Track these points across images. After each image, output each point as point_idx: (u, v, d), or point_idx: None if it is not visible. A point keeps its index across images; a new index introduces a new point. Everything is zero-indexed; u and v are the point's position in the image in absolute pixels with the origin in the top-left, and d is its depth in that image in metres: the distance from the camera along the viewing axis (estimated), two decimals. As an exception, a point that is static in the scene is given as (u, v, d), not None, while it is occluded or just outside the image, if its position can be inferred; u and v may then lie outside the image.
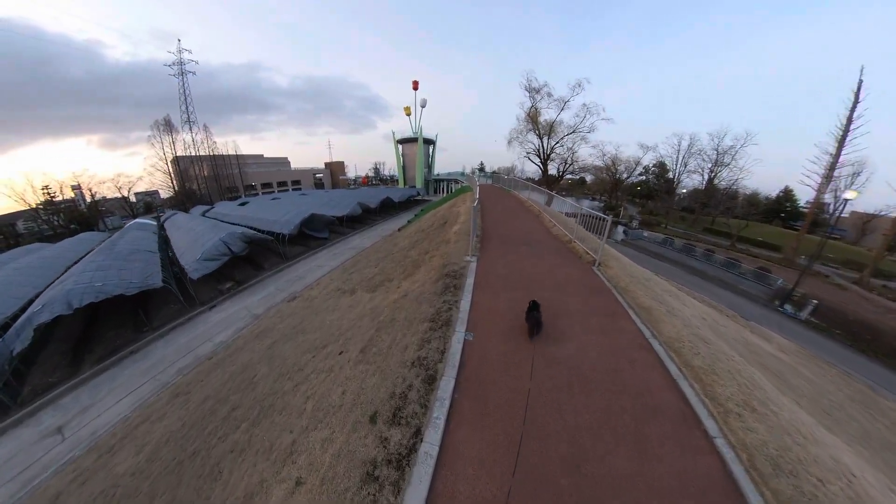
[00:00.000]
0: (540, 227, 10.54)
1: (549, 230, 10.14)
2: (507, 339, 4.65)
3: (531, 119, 30.70)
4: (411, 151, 55.28)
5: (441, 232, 11.43)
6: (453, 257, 7.65)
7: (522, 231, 9.85)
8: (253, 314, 14.75)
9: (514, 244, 8.53)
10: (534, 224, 10.83)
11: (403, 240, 13.82)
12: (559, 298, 5.76)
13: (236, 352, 10.59)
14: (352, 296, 10.17)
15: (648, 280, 8.24)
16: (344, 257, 18.76)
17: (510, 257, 7.45)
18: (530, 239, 9.04)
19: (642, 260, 23.16)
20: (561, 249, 8.30)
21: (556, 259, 7.63)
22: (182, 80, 58.56)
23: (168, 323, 15.29)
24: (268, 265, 18.82)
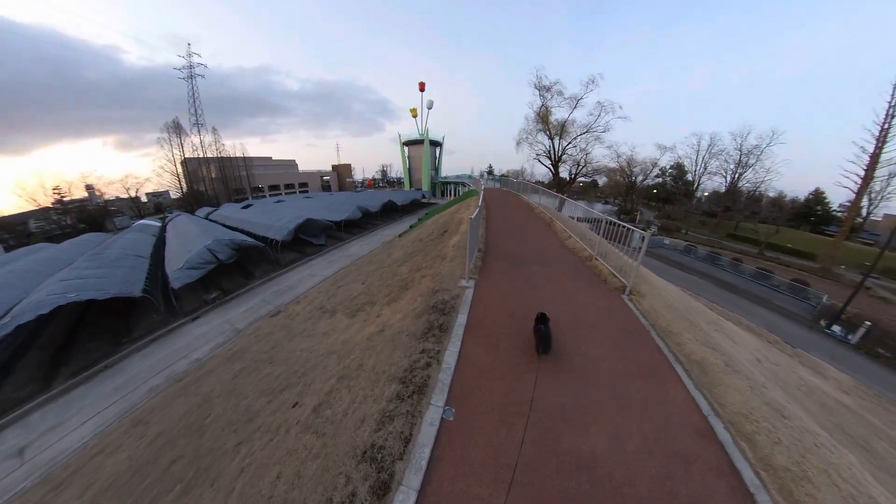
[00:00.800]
0: (552, 238, 9.00)
1: (563, 242, 8.59)
2: (504, 419, 3.16)
3: (541, 119, 29.06)
4: (417, 153, 54.19)
5: (438, 244, 10.01)
6: (446, 280, 6.21)
7: (532, 244, 8.33)
8: (234, 329, 13.65)
9: (522, 262, 7.02)
10: (545, 235, 9.30)
11: (398, 250, 12.44)
12: (581, 345, 4.24)
13: (205, 375, 9.56)
14: (331, 318, 8.87)
15: (689, 309, 6.62)
16: (338, 265, 17.51)
17: (516, 282, 5.94)
18: (542, 255, 7.52)
19: (664, 271, 21.24)
20: (580, 269, 6.75)
21: (575, 283, 6.10)
22: (191, 84, 59.24)
23: (148, 334, 14.39)
24: (259, 273, 17.73)
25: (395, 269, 9.70)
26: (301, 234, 20.01)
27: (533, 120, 30.04)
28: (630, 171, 49.32)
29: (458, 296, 5.43)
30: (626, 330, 4.74)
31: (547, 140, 30.51)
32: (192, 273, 14.52)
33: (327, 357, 6.52)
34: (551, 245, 8.34)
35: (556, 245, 8.37)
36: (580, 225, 9.28)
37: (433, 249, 9.52)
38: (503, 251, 7.64)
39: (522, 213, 12.59)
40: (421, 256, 9.30)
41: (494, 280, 6.03)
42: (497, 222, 10.51)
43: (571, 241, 8.57)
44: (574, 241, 8.47)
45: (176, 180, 57.20)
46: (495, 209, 13.11)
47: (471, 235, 5.36)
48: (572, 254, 7.71)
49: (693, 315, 6.47)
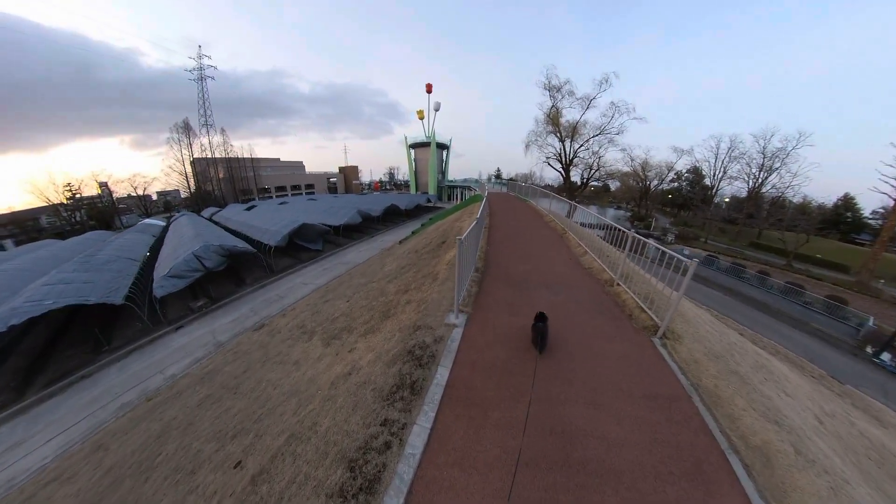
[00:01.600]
0: (565, 253, 7.73)
1: (577, 260, 7.31)
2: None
3: (551, 120, 27.69)
4: (424, 156, 53.31)
5: (433, 258, 8.85)
6: (432, 311, 5.04)
7: (540, 261, 7.08)
8: (216, 342, 12.80)
9: (527, 286, 5.79)
10: (556, 249, 8.03)
11: (392, 261, 11.33)
12: (598, 423, 3.00)
13: (174, 398, 8.77)
14: (308, 342, 7.83)
15: (732, 349, 5.28)
16: (332, 274, 16.54)
17: (518, 316, 4.72)
18: (551, 276, 6.28)
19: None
20: (598, 298, 5.48)
21: (592, 318, 4.84)
22: (201, 85, 59.92)
23: (129, 344, 13.72)
24: (251, 279, 16.89)
25: (383, 286, 8.57)
26: (297, 240, 19.16)
27: (542, 121, 28.72)
28: (644, 175, 47.35)
29: (441, 338, 4.24)
30: (659, 396, 3.47)
31: (557, 142, 29.14)
32: (176, 282, 13.72)
33: (288, 399, 5.46)
34: (563, 263, 7.07)
35: (570, 263, 7.10)
36: (597, 237, 8.01)
37: (426, 265, 8.37)
38: (505, 271, 6.42)
39: (531, 221, 11.33)
40: (412, 273, 8.15)
41: (491, 314, 4.81)
42: (501, 233, 9.29)
43: (588, 258, 7.29)
44: (591, 258, 7.19)
45: (184, 180, 57.74)
46: (500, 217, 11.90)
47: (459, 261, 4.15)
48: (589, 276, 6.43)
49: (738, 358, 5.13)
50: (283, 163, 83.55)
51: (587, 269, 6.76)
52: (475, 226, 5.61)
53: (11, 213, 48.01)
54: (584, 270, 6.68)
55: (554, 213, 12.51)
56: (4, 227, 46.55)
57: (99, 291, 13.70)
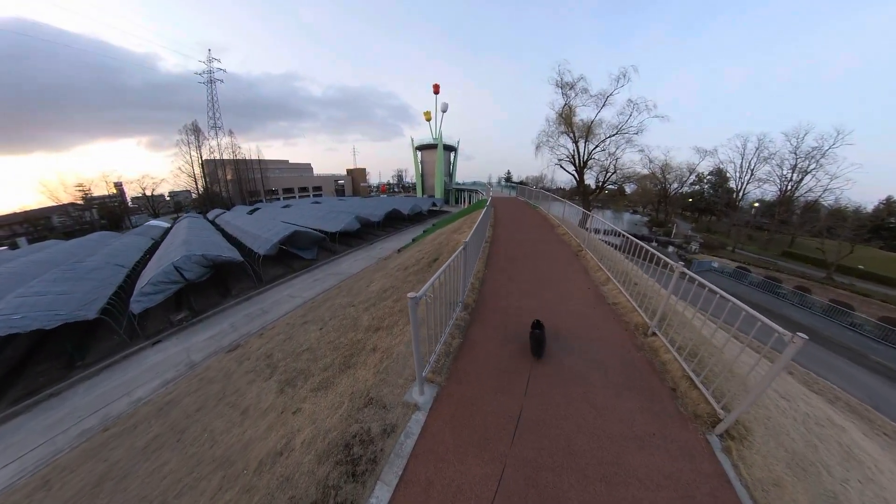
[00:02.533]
0: (582, 281, 6.10)
1: (599, 290, 5.68)
2: None
3: (564, 120, 25.86)
4: (430, 159, 52.02)
5: (419, 281, 7.39)
6: (392, 376, 3.57)
7: (551, 294, 5.48)
8: (189, 361, 11.72)
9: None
10: (571, 274, 6.41)
11: (380, 279, 9.91)
12: None
13: (127, 431, 8.32)
14: (265, 382, 6.57)
15: (817, 444, 3.56)
16: (323, 286, 15.27)
17: (511, 395, 3.17)
18: (564, 319, 4.69)
19: (710, 303, 17.42)
20: (628, 359, 3.87)
21: (619, 401, 3.24)
22: (210, 88, 60.56)
23: (103, 359, 12.83)
24: (237, 290, 15.79)
25: (359, 314, 7.15)
26: (289, 247, 18.04)
27: (554, 121, 26.90)
28: (664, 177, 44.68)
29: (393, 428, 2.75)
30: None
31: (570, 143, 27.24)
32: (153, 297, 12.70)
33: (215, 472, 4.32)
34: (580, 297, 5.46)
35: (588, 296, 5.48)
36: (621, 256, 6.41)
37: (410, 289, 6.92)
38: (503, 310, 4.87)
39: (541, 234, 9.72)
40: (391, 301, 6.70)
41: (471, 391, 3.27)
42: (505, 250, 7.72)
43: (612, 288, 5.67)
44: (616, 287, 5.56)
45: (192, 181, 58.27)
46: (506, 228, 10.32)
47: (415, 330, 2.63)
48: (613, 316, 4.81)
49: (824, 452, 3.43)
50: (291, 165, 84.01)
51: (611, 306, 5.13)
52: (459, 253, 4.08)
53: (24, 212, 49.31)
54: (606, 308, 5.06)
55: (567, 222, 10.87)
56: (20, 224, 48.01)
57: (73, 305, 12.83)
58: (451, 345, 3.92)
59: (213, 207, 55.86)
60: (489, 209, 10.25)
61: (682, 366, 3.58)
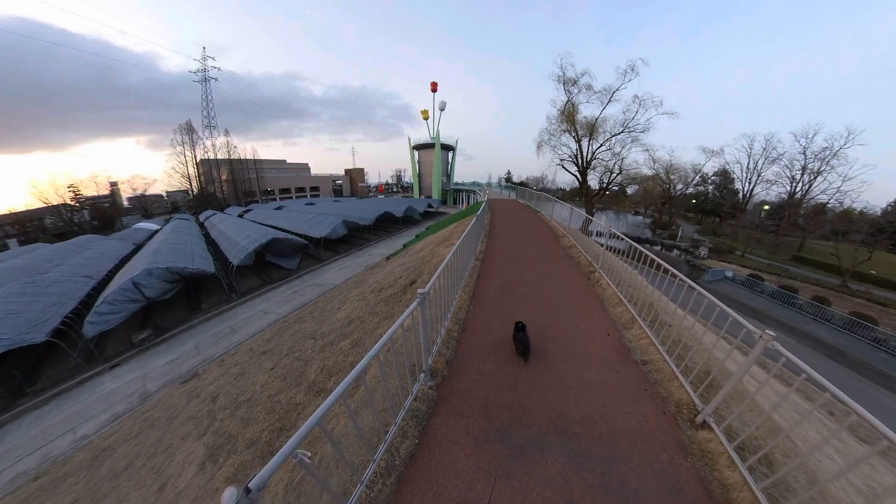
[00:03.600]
0: (600, 322, 4.65)
1: (622, 339, 4.26)
2: None
3: (566, 118, 24.41)
4: (428, 158, 50.61)
5: (390, 311, 5.98)
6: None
7: (559, 349, 4.05)
8: (143, 391, 10.42)
9: (530, 424, 2.85)
10: (585, 312, 4.95)
11: (352, 302, 8.50)
12: None
13: (53, 485, 6.76)
14: (196, 441, 5.45)
15: None
16: (301, 300, 13.87)
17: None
18: (577, 398, 3.28)
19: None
20: (674, 472, 2.48)
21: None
22: (205, 87, 59.23)
23: (55, 385, 11.52)
24: (208, 304, 14.39)
25: (313, 354, 5.75)
26: (268, 255, 16.65)
27: (556, 119, 25.44)
28: (668, 179, 43.20)
29: None
30: None
31: (573, 142, 25.76)
32: (109, 318, 11.32)
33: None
34: (599, 351, 4.02)
35: (609, 351, 4.04)
36: (644, 282, 5.07)
37: (373, 325, 5.51)
38: (489, 381, 3.47)
39: (543, 246, 8.29)
40: (350, 343, 5.30)
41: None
42: (498, 271, 6.30)
43: (638, 332, 4.27)
44: (643, 332, 4.18)
45: (185, 181, 56.95)
46: (502, 238, 8.88)
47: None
48: (647, 392, 3.40)
49: None
50: (288, 165, 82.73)
51: (640, 366, 3.72)
52: (415, 309, 2.69)
53: (13, 213, 48.15)
54: (634, 372, 3.64)
55: (575, 232, 9.44)
56: (11, 226, 46.93)
57: (21, 327, 11.49)
58: (398, 453, 2.52)
59: (206, 208, 54.64)
60: (483, 215, 8.84)
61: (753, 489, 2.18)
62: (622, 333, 4.34)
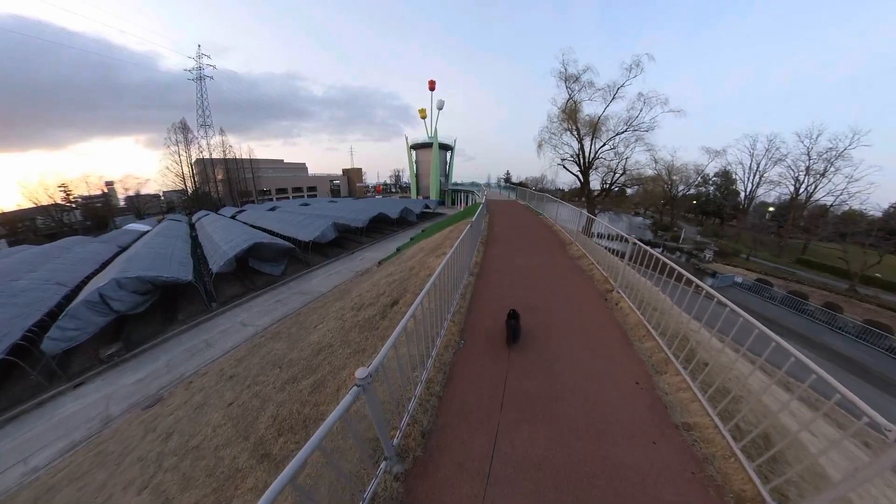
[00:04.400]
0: (628, 372, 3.69)
1: (656, 391, 3.33)
2: None
3: (568, 116, 23.49)
4: (426, 158, 49.61)
5: (364, 340, 5.05)
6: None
7: (577, 415, 3.12)
8: (106, 415, 9.48)
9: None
10: (606, 351, 3.99)
11: (328, 322, 7.54)
12: None
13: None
14: (136, 497, 4.27)
15: None
16: (284, 309, 12.90)
17: None
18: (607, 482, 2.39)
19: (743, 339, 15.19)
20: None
21: None
22: (200, 85, 58.13)
23: (14, 406, 10.62)
24: (185, 315, 13.41)
25: (271, 394, 4.82)
26: (252, 261, 15.68)
27: (557, 118, 24.51)
28: (670, 179, 42.38)
29: None
30: None
31: (575, 141, 24.82)
32: (72, 336, 10.34)
33: None
34: (626, 412, 3.08)
35: (640, 410, 3.09)
36: (672, 306, 4.22)
37: (347, 360, 4.58)
38: (478, 460, 2.56)
39: (549, 257, 7.34)
40: (312, 384, 4.37)
41: None
42: (496, 291, 5.38)
43: (675, 379, 3.36)
44: (682, 380, 3.27)
45: (179, 181, 55.87)
46: (501, 246, 7.95)
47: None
48: (697, 479, 2.51)
49: None
50: (285, 164, 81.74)
51: (683, 434, 2.81)
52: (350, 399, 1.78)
53: (2, 214, 47.20)
54: (677, 444, 2.73)
55: (583, 239, 8.50)
56: (2, 226, 46.07)
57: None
58: None
59: (200, 208, 53.64)
60: (479, 219, 7.89)
61: None
62: (654, 381, 3.42)
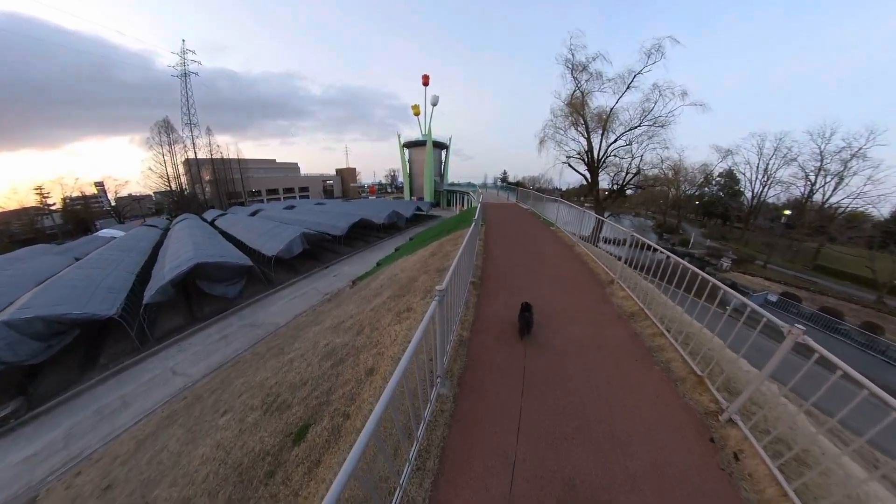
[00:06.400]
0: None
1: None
2: None
3: (574, 109, 20.98)
4: (419, 157, 47.01)
5: (321, 421, 2.70)
6: None
7: None
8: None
9: None
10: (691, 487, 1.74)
11: (240, 407, 5.22)
12: None
13: None
14: None
15: None
16: (226, 351, 10.52)
17: None
18: None
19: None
20: None
21: None
22: (184, 82, 55.34)
23: None
24: (109, 357, 11.02)
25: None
26: (201, 282, 13.29)
27: (561, 112, 21.95)
28: (677, 180, 39.95)
29: None
30: None
31: (583, 138, 22.27)
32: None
33: None
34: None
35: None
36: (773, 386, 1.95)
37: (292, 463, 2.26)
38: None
39: (578, 291, 4.91)
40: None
41: None
42: (501, 378, 3.05)
43: None
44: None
45: (163, 182, 53.26)
46: (503, 271, 5.48)
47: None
48: None
49: None
50: (277, 164, 79.32)
51: None
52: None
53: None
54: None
55: (605, 257, 6.04)
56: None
57: None
58: None
59: (184, 212, 51.17)
60: (473, 239, 5.28)
61: None
62: None
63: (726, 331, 3.01)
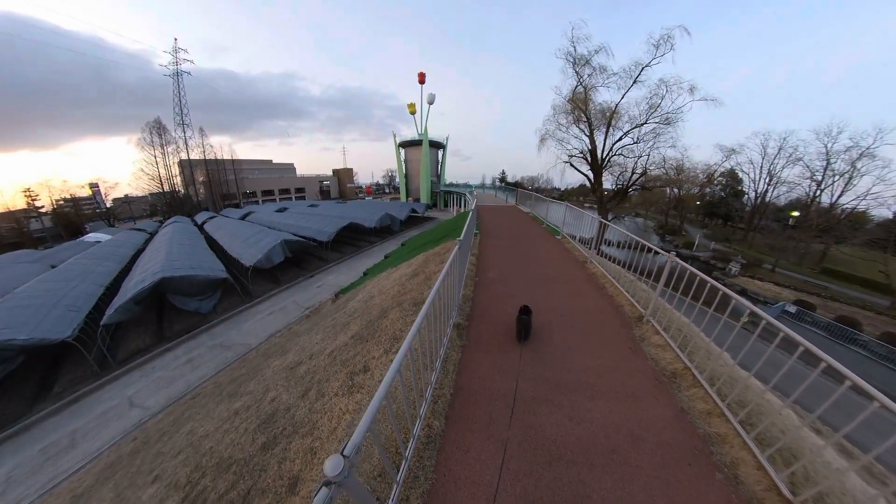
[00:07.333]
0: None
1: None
2: None
3: (576, 105, 19.90)
4: (415, 157, 45.91)
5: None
6: None
7: None
8: None
9: None
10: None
11: (188, 453, 4.20)
12: None
13: None
14: None
15: None
16: (192, 377, 9.47)
17: None
18: None
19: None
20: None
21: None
22: (176, 81, 54.16)
23: None
24: (64, 385, 9.95)
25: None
26: (171, 296, 12.21)
27: (562, 109, 20.86)
28: (679, 180, 39.00)
29: None
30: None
31: (585, 136, 21.17)
32: None
33: None
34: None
35: None
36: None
37: None
38: None
39: (582, 322, 3.92)
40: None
41: None
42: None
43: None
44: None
45: (155, 184, 52.11)
46: (502, 297, 4.46)
47: None
48: None
49: None
50: (273, 165, 78.39)
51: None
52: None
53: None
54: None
55: (633, 283, 4.96)
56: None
57: None
58: None
59: (177, 214, 50.12)
60: (464, 257, 4.18)
61: None
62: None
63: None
